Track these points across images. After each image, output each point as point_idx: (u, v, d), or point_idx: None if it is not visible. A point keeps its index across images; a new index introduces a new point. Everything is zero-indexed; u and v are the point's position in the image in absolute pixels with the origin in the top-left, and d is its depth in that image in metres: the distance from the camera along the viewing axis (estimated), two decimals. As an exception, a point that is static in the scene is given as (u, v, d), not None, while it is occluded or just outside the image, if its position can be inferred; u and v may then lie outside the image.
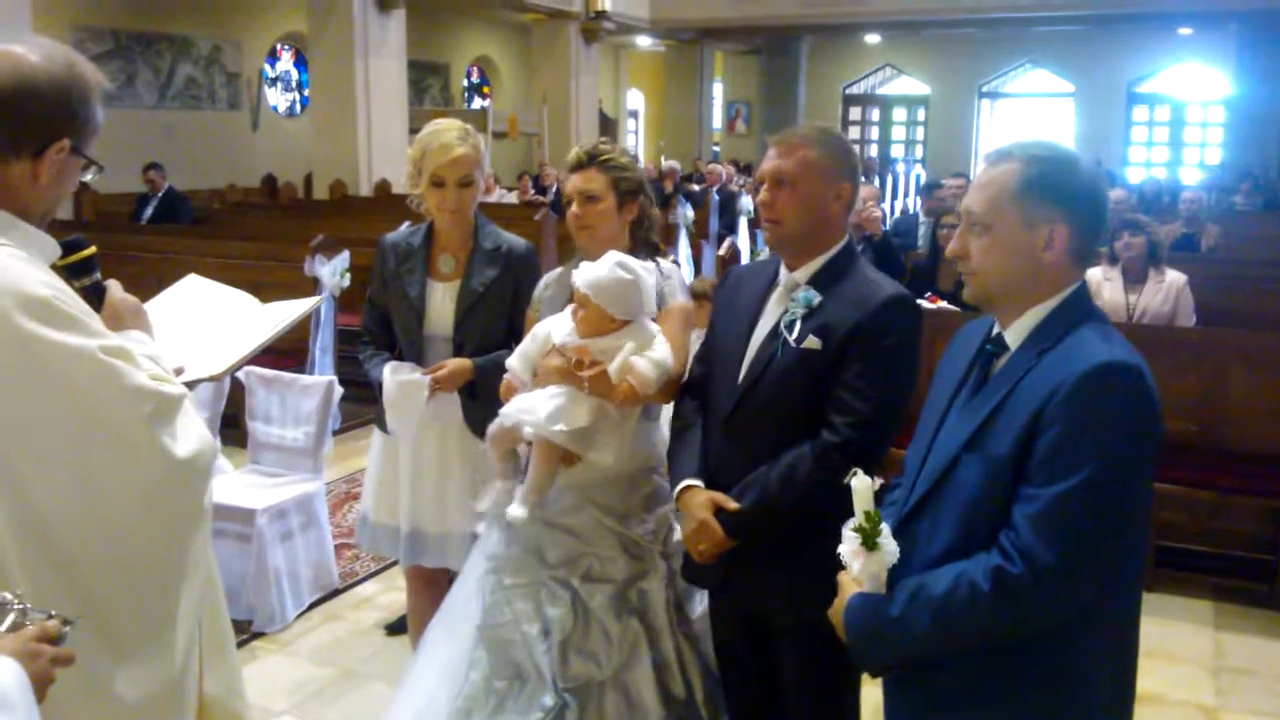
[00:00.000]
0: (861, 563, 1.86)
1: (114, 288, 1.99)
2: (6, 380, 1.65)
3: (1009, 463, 1.75)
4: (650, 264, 2.81)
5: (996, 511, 1.76)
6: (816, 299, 2.37)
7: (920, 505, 1.91)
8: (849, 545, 1.87)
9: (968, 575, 1.74)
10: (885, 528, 1.85)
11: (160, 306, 2.22)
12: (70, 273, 1.91)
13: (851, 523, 1.87)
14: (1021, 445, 1.74)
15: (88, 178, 1.90)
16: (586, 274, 2.65)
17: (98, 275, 1.99)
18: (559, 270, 3.06)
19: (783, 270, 2.49)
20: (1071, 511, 1.68)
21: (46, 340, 1.66)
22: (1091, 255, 1.91)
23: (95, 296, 1.94)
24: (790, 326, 2.38)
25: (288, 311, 2.32)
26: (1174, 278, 5.75)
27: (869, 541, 1.84)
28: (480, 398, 3.22)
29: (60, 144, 1.76)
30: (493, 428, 2.79)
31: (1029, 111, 23.53)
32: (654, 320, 2.73)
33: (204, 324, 2.26)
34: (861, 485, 1.86)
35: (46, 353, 1.66)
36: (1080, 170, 1.86)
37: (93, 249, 1.98)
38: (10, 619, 1.43)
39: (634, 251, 2.85)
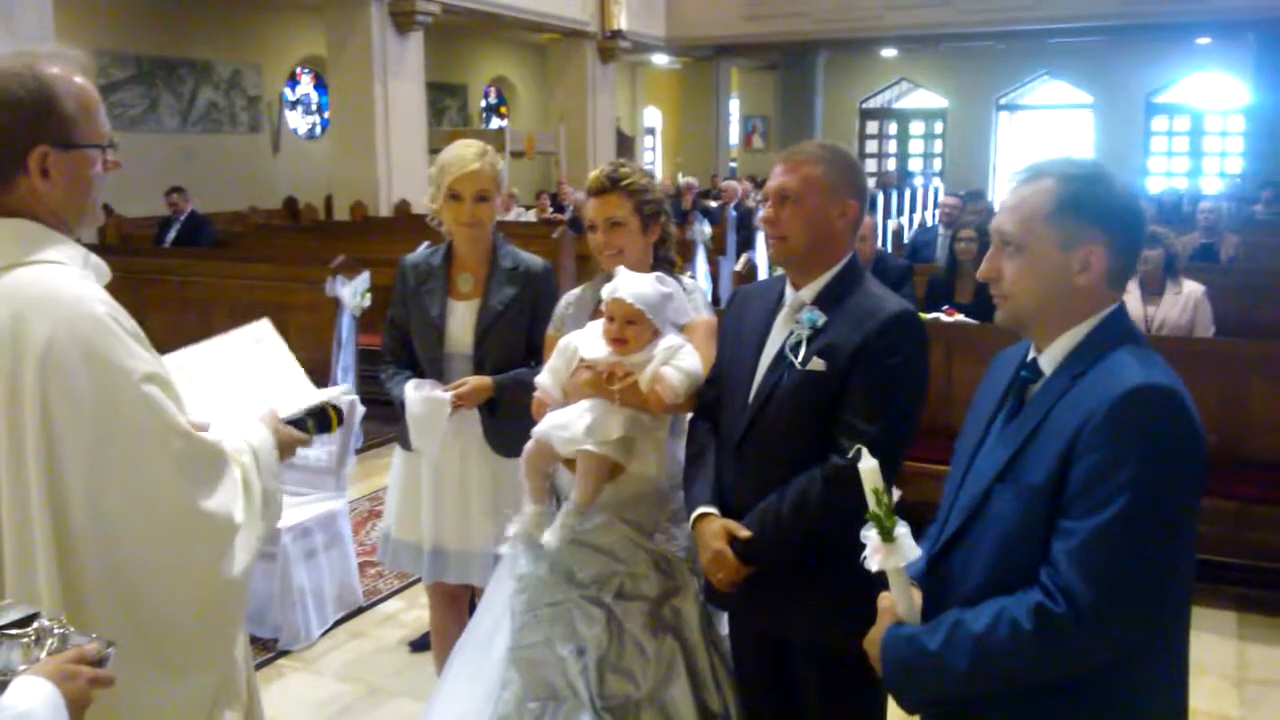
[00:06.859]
0: (882, 557, 1.78)
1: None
2: (68, 395, 1.67)
3: (1044, 493, 1.67)
4: (674, 280, 2.83)
5: (1034, 544, 1.67)
6: (821, 319, 2.36)
7: (955, 539, 1.83)
8: (870, 542, 1.79)
9: (1009, 613, 1.65)
10: (902, 524, 1.77)
11: (223, 347, 2.28)
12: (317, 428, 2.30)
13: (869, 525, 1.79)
14: (1056, 475, 1.65)
15: (110, 157, 1.84)
16: (632, 289, 2.65)
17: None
18: (580, 288, 3.08)
19: (789, 289, 2.48)
20: (1111, 546, 1.59)
21: (100, 358, 1.69)
22: (1128, 275, 1.81)
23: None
24: (795, 349, 2.37)
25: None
26: (1192, 289, 5.74)
27: (884, 532, 1.76)
28: (500, 415, 3.26)
29: (37, 152, 1.73)
30: (526, 449, 2.79)
31: (1047, 123, 23.43)
32: (680, 334, 2.75)
33: (248, 384, 2.31)
34: (868, 466, 1.80)
35: (98, 370, 1.69)
36: (1117, 188, 1.76)
37: (340, 421, 2.35)
38: (50, 643, 1.46)
39: (655, 269, 2.88)
